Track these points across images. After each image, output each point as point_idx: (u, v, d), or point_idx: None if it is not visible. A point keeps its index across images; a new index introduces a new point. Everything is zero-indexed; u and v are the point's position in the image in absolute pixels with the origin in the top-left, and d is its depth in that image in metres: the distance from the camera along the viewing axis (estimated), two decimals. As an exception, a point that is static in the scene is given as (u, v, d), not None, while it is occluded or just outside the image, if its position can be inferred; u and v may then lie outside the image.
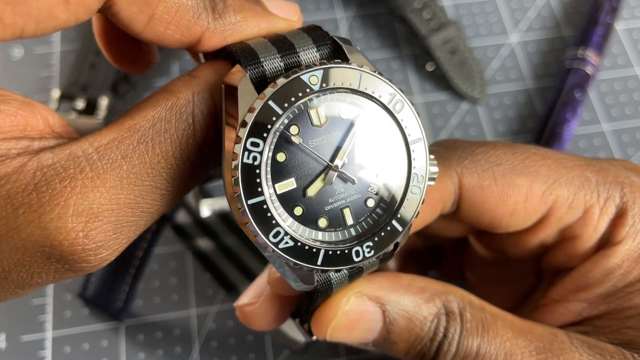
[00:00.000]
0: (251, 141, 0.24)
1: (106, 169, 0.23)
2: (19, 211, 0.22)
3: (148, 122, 0.24)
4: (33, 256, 0.23)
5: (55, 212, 0.22)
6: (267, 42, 0.26)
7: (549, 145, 0.57)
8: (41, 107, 0.25)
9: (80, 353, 0.49)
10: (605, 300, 0.33)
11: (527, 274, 0.40)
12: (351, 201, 0.26)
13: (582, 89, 0.59)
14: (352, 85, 0.25)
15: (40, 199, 0.22)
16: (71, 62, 0.61)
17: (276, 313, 0.34)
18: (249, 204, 0.24)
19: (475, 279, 0.43)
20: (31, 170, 0.23)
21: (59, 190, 0.22)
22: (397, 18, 0.63)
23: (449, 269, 0.45)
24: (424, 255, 0.46)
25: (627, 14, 0.66)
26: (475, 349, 0.29)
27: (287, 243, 0.25)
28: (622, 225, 0.32)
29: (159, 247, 0.53)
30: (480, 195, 0.33)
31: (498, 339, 0.29)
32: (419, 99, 0.61)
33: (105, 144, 0.24)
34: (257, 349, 0.50)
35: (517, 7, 0.67)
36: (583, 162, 0.34)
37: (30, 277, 0.24)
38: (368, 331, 0.29)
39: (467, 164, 0.33)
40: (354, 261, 0.26)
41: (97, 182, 0.23)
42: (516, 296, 0.40)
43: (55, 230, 0.22)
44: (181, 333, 0.50)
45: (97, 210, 0.23)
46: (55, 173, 0.23)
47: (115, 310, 0.50)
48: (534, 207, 0.33)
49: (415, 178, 0.27)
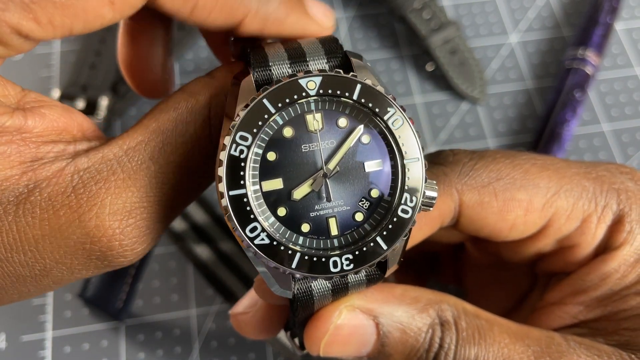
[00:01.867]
0: (240, 134, 0.24)
1: (136, 170, 0.25)
2: (60, 212, 0.24)
3: (171, 124, 0.26)
4: (74, 254, 0.25)
5: (93, 211, 0.24)
6: (281, 49, 0.27)
7: (549, 145, 0.57)
8: (76, 112, 0.27)
9: (80, 353, 0.49)
10: (602, 303, 0.33)
11: (522, 277, 0.40)
12: (339, 212, 0.26)
13: (582, 89, 0.59)
14: (350, 96, 0.25)
15: (79, 200, 0.24)
16: (71, 62, 0.61)
17: (268, 324, 0.34)
18: (230, 194, 0.24)
19: (472, 283, 0.43)
20: (69, 174, 0.24)
21: (95, 192, 0.24)
22: (397, 18, 0.63)
23: (446, 275, 0.45)
24: (421, 264, 0.46)
25: (627, 14, 0.66)
26: (473, 358, 0.29)
27: (262, 240, 0.25)
28: (620, 231, 0.32)
29: (159, 247, 0.53)
30: (481, 211, 0.33)
31: (495, 345, 0.29)
32: (419, 99, 0.61)
33: (134, 147, 0.25)
34: (257, 349, 0.50)
35: (517, 7, 0.67)
36: (581, 170, 0.34)
37: (70, 273, 0.26)
38: (362, 345, 0.29)
39: (468, 180, 0.33)
40: (331, 271, 0.25)
41: (129, 183, 0.25)
42: (512, 299, 0.40)
43: (94, 228, 0.24)
44: (181, 333, 0.50)
45: (131, 208, 0.25)
46: (90, 176, 0.24)
47: (115, 310, 0.50)
48: (533, 221, 0.33)
49: (408, 198, 0.26)
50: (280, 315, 0.34)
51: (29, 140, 0.25)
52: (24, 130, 0.25)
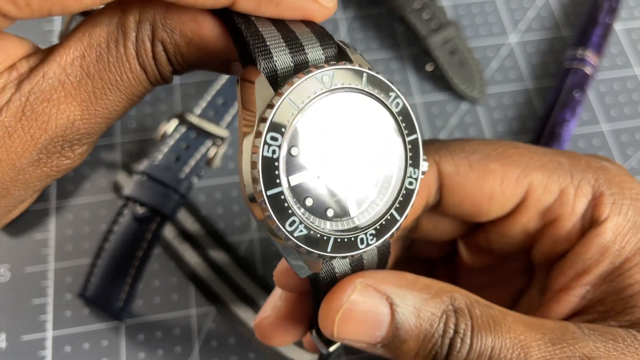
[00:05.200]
0: (271, 135, 0.25)
1: (75, 86, 0.27)
2: (15, 136, 0.27)
3: (104, 40, 0.27)
4: (28, 170, 0.28)
5: (43, 128, 0.27)
6: (272, 28, 0.28)
7: (549, 145, 0.57)
8: (7, 35, 0.28)
9: (80, 353, 0.49)
10: (607, 279, 0.33)
11: (517, 276, 0.40)
12: (354, 192, 0.28)
13: (582, 89, 0.59)
14: (358, 85, 0.27)
15: (29, 121, 0.27)
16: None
17: (292, 321, 0.35)
18: (268, 194, 0.25)
19: (467, 289, 0.43)
20: (17, 99, 0.27)
21: (41, 110, 0.27)
22: (397, 18, 0.63)
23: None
24: (418, 272, 0.46)
25: (626, 14, 0.66)
26: (490, 344, 0.28)
27: (301, 231, 0.26)
28: (602, 204, 0.33)
29: (159, 247, 0.54)
30: (459, 181, 0.35)
31: (511, 333, 0.29)
32: (418, 99, 0.61)
33: (71, 63, 0.27)
34: (257, 349, 0.50)
35: (516, 8, 0.67)
36: (555, 151, 0.36)
37: (27, 187, 0.29)
38: (376, 326, 0.29)
39: (444, 152, 0.35)
40: (359, 248, 0.28)
41: (70, 99, 0.27)
42: (507, 300, 0.40)
43: (45, 142, 0.27)
44: (181, 333, 0.50)
45: (74, 120, 0.28)
46: (35, 97, 0.27)
47: (116, 310, 0.50)
48: (510, 191, 0.34)
49: (412, 171, 0.29)
50: (303, 311, 0.35)
51: None
52: None
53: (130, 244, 0.52)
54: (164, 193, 0.52)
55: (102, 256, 0.51)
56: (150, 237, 0.52)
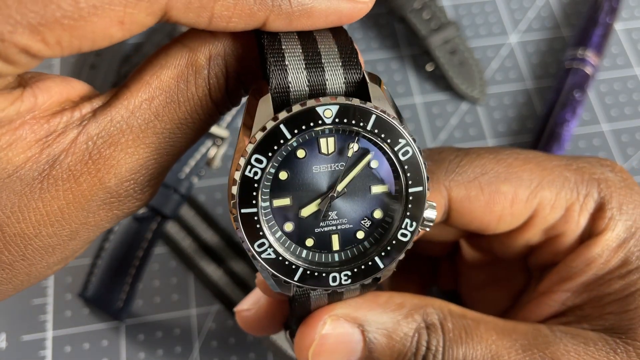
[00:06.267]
0: (255, 157, 0.25)
1: (143, 129, 0.27)
2: (81, 179, 0.26)
3: (173, 82, 0.27)
4: (98, 212, 0.27)
5: (111, 173, 0.26)
6: (300, 55, 0.27)
7: (549, 145, 0.57)
8: (70, 79, 0.28)
9: (80, 353, 0.49)
10: (587, 288, 0.34)
11: (517, 275, 0.41)
12: (341, 229, 0.27)
13: (582, 89, 0.59)
14: (364, 126, 0.26)
15: (96, 165, 0.26)
16: (71, 62, 0.61)
17: (270, 320, 0.36)
18: (242, 212, 0.25)
19: (468, 285, 0.44)
20: (83, 142, 0.26)
21: (109, 154, 0.26)
22: (397, 18, 0.63)
23: (445, 281, 0.46)
24: (423, 270, 0.47)
25: (626, 14, 0.66)
26: (461, 357, 0.29)
27: (269, 255, 0.26)
28: (601, 218, 0.34)
29: (159, 247, 0.54)
30: (469, 205, 0.34)
31: (483, 343, 0.29)
32: (418, 99, 0.61)
33: (139, 106, 0.27)
34: (257, 349, 0.50)
35: (516, 8, 0.67)
36: (562, 163, 0.35)
37: (96, 229, 0.28)
38: (349, 353, 0.29)
39: (454, 177, 0.34)
40: (330, 285, 0.27)
41: (138, 142, 0.27)
42: (508, 298, 0.40)
43: (115, 187, 0.27)
44: (181, 333, 0.50)
45: (143, 163, 0.27)
46: (103, 141, 0.26)
47: (116, 310, 0.50)
48: (519, 212, 0.34)
49: (408, 224, 0.27)
50: (281, 313, 0.35)
51: (39, 117, 0.26)
52: (34, 109, 0.26)
53: (130, 244, 0.52)
54: (164, 193, 0.52)
55: (102, 256, 0.51)
56: (150, 237, 0.52)
